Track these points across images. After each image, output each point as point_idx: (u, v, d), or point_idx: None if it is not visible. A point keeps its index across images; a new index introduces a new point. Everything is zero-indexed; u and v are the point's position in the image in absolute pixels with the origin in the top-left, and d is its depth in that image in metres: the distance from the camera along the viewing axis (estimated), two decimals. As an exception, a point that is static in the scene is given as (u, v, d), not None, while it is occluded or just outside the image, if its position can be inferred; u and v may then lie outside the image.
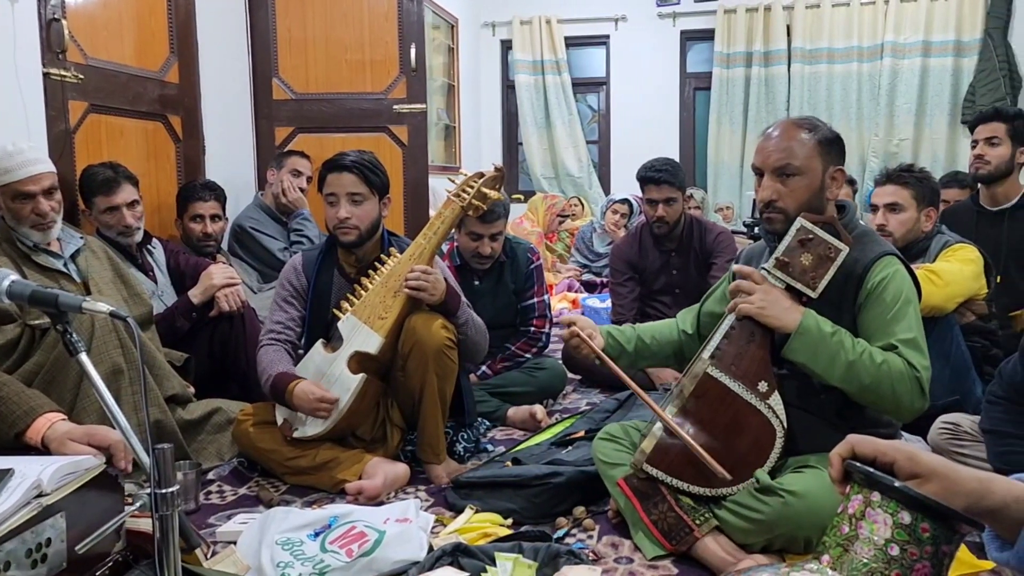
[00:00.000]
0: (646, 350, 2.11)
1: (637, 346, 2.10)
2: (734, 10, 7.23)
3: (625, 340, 2.08)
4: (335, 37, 4.05)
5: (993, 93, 6.41)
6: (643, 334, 2.12)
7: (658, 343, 2.12)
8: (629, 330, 2.12)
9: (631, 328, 2.14)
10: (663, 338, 2.13)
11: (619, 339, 2.07)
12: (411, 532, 1.77)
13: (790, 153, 1.81)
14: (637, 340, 2.10)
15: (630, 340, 2.09)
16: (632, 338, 2.10)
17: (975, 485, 0.80)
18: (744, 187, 7.27)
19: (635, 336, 2.10)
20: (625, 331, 2.11)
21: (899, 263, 1.81)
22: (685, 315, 2.18)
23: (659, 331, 2.14)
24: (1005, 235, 3.04)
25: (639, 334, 2.11)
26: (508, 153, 8.11)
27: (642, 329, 2.14)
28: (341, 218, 2.33)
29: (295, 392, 2.20)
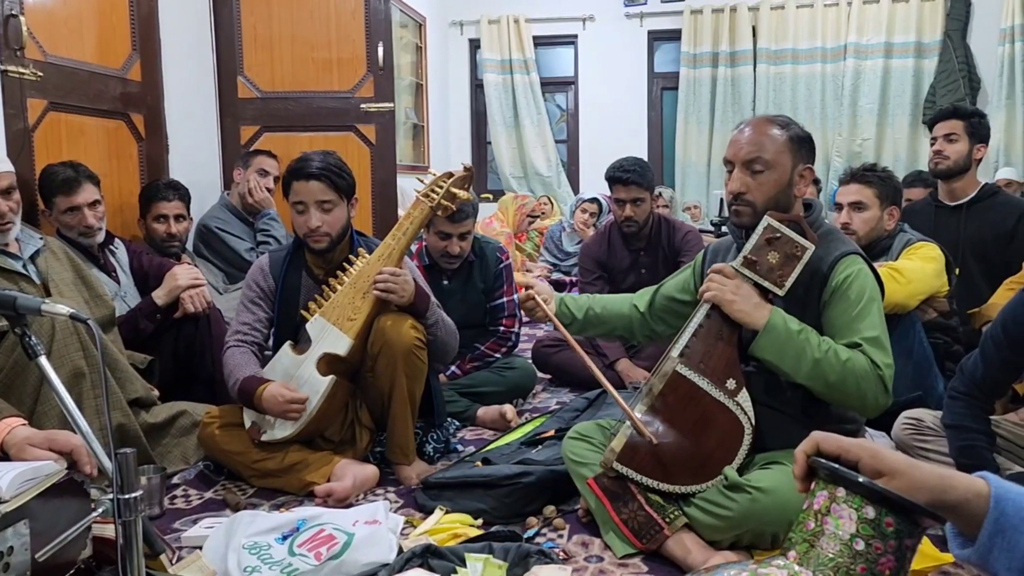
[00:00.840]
0: (596, 319, 2.19)
1: (588, 314, 2.18)
2: (700, 11, 7.28)
3: (576, 308, 2.17)
4: (301, 35, 4.01)
5: (953, 94, 6.54)
6: (595, 304, 2.20)
7: (609, 313, 2.20)
8: (584, 299, 2.21)
9: (586, 297, 2.22)
10: (614, 310, 2.20)
11: (571, 306, 2.17)
12: (380, 534, 1.76)
13: (761, 147, 1.83)
14: (588, 309, 2.18)
15: (581, 308, 2.18)
16: (584, 306, 2.18)
17: (937, 481, 0.82)
18: (711, 186, 7.33)
19: (587, 305, 2.19)
20: (579, 299, 2.20)
21: (863, 262, 1.83)
22: (643, 293, 2.23)
23: (612, 303, 2.22)
24: (963, 229, 3.11)
25: (591, 304, 2.20)
26: (477, 152, 8.10)
27: (596, 299, 2.22)
28: (312, 227, 2.30)
29: (264, 396, 2.18)
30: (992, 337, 2.09)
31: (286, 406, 2.17)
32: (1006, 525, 0.79)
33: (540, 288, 2.12)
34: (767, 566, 0.88)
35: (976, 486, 0.81)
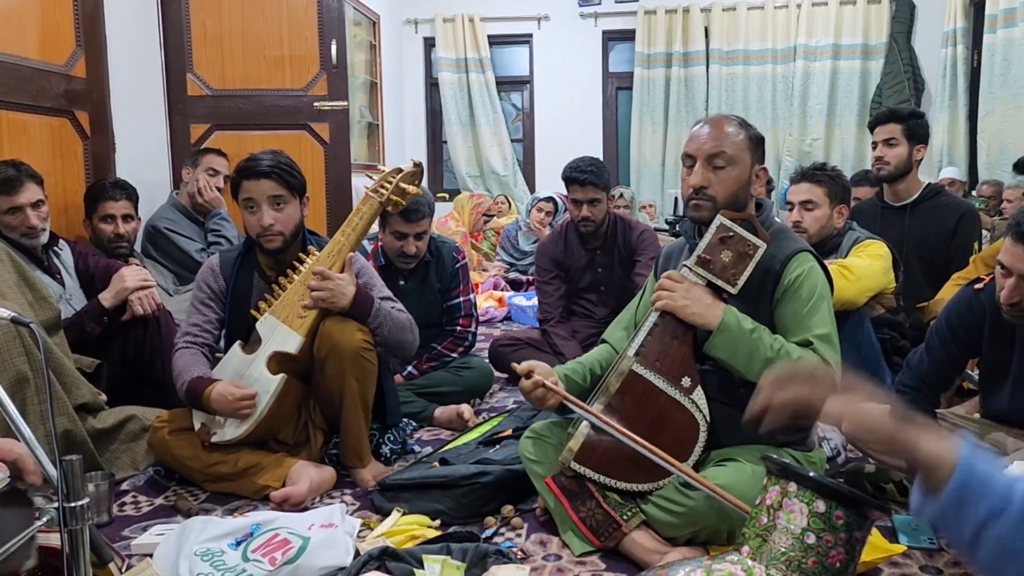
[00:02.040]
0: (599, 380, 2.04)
1: (593, 380, 2.04)
2: (654, 11, 7.36)
3: (580, 378, 2.02)
4: (252, 32, 3.94)
5: (898, 95, 6.71)
6: (592, 366, 2.06)
7: (604, 369, 2.06)
8: (579, 367, 2.06)
9: (579, 364, 2.08)
10: (606, 363, 2.07)
11: (575, 379, 2.01)
12: (337, 537, 1.74)
13: (724, 143, 1.86)
14: (591, 375, 2.05)
15: (584, 377, 2.03)
16: (585, 374, 2.04)
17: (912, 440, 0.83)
18: (666, 185, 7.42)
19: (587, 371, 2.05)
20: (577, 369, 2.05)
21: (814, 259, 1.87)
22: (616, 333, 2.15)
23: (603, 358, 2.09)
24: (907, 229, 3.18)
25: (589, 367, 2.05)
26: (432, 151, 8.07)
27: (589, 362, 2.08)
28: (265, 225, 2.26)
29: (213, 395, 2.14)
30: (937, 332, 2.15)
31: (236, 404, 2.13)
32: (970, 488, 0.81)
33: (543, 370, 1.90)
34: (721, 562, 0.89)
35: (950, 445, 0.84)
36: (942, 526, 0.83)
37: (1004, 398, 2.07)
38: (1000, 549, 0.81)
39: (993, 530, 0.80)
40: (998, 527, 0.80)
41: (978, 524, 0.81)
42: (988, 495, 0.81)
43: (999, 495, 0.81)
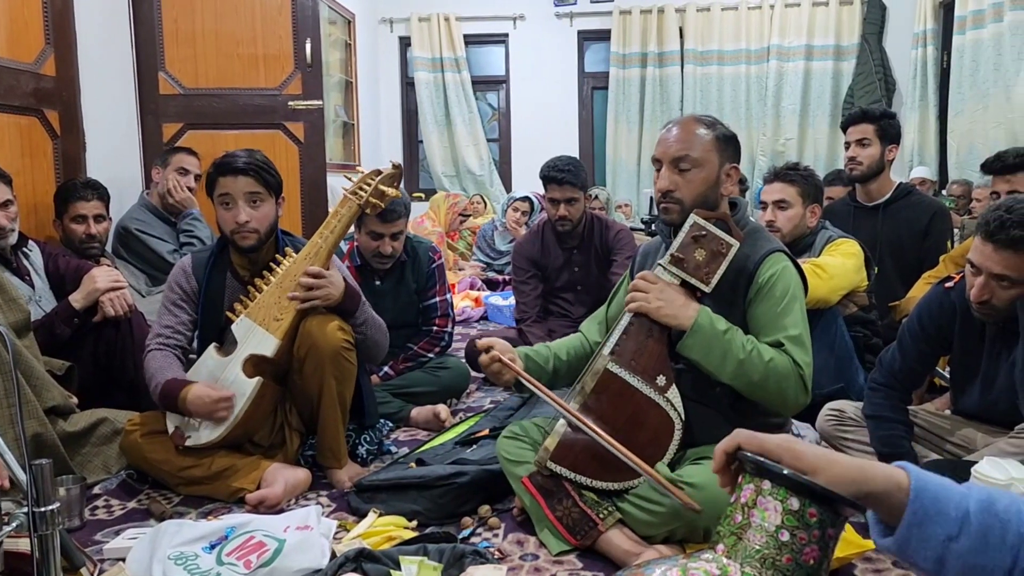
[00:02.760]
0: (563, 367, 2.07)
1: (555, 365, 2.06)
2: (629, 11, 7.39)
3: (543, 360, 2.04)
4: (226, 30, 3.91)
5: (870, 95, 6.79)
6: (558, 352, 2.08)
7: (574, 358, 2.09)
8: (544, 349, 2.08)
9: (545, 347, 2.10)
10: (576, 352, 2.10)
11: (537, 360, 2.02)
12: (312, 539, 1.73)
13: (689, 145, 1.86)
14: (554, 359, 2.06)
15: (547, 360, 2.05)
16: (549, 357, 2.05)
17: (857, 474, 0.84)
18: (641, 185, 7.45)
19: (551, 355, 2.06)
20: (541, 351, 2.07)
21: (787, 259, 1.88)
22: (590, 325, 2.18)
23: (571, 346, 2.12)
24: (880, 229, 3.22)
25: (555, 352, 2.07)
26: (408, 151, 8.05)
27: (556, 347, 2.10)
28: (241, 222, 2.24)
29: (189, 397, 2.11)
30: (909, 330, 2.18)
31: (213, 406, 2.11)
32: (924, 516, 0.81)
33: (502, 347, 1.91)
34: (697, 560, 0.89)
35: (896, 477, 0.83)
36: (906, 556, 0.83)
37: (974, 395, 2.10)
38: (966, 567, 0.81)
39: (956, 550, 0.80)
40: (960, 546, 0.80)
41: (941, 546, 0.81)
42: (945, 514, 0.81)
43: (955, 513, 0.81)
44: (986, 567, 0.81)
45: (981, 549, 0.81)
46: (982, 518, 0.81)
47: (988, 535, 0.81)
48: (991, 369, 2.04)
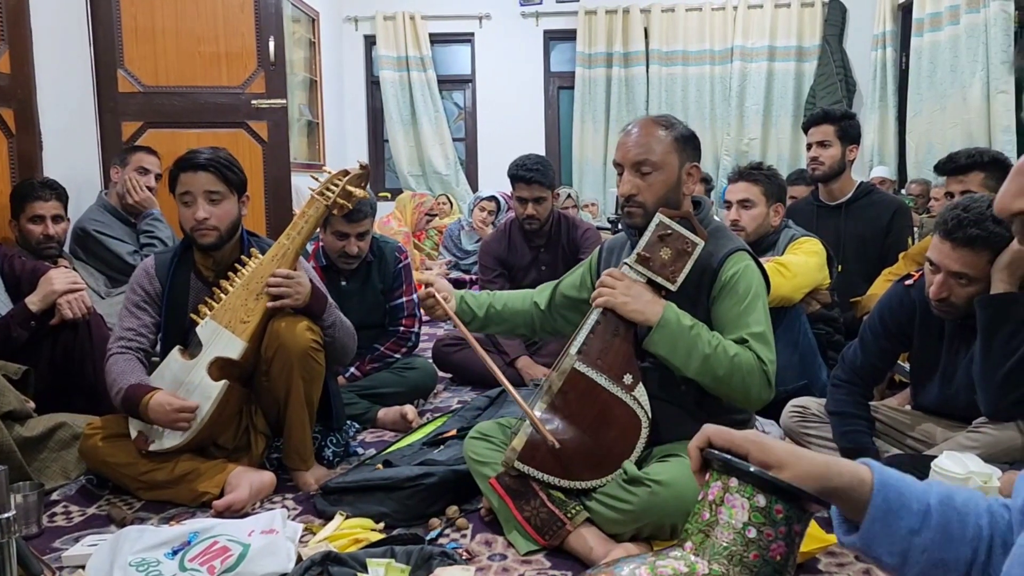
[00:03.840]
0: (497, 316, 2.19)
1: (488, 312, 2.17)
2: (594, 11, 7.42)
3: (477, 305, 2.16)
4: (186, 28, 3.85)
5: (831, 96, 6.90)
6: (496, 302, 2.19)
7: (509, 311, 2.20)
8: (484, 296, 2.20)
9: (486, 294, 2.21)
10: (515, 307, 2.21)
11: (471, 304, 2.15)
12: (278, 543, 1.71)
13: (648, 149, 1.87)
14: (489, 306, 2.18)
15: (482, 306, 2.17)
16: (484, 304, 2.17)
17: (822, 470, 0.84)
18: (608, 184, 7.49)
19: (488, 302, 2.18)
20: (479, 296, 2.19)
21: (750, 258, 1.90)
22: (543, 289, 2.24)
23: (513, 300, 2.22)
24: (843, 227, 3.27)
25: (492, 301, 2.19)
26: (374, 150, 8.00)
27: (496, 296, 2.22)
28: (199, 219, 2.21)
29: (151, 405, 2.07)
30: (870, 327, 2.22)
31: (175, 415, 2.07)
32: (887, 511, 0.82)
33: (440, 285, 2.09)
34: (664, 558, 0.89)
35: (860, 473, 0.85)
36: (870, 552, 0.84)
37: (933, 390, 2.14)
38: (927, 562, 0.82)
39: (919, 544, 0.81)
40: (923, 540, 0.81)
41: (904, 541, 0.82)
42: (907, 508, 0.82)
43: (917, 507, 0.82)
44: (947, 561, 0.82)
45: (943, 543, 0.82)
46: (943, 511, 0.83)
47: (949, 528, 0.82)
48: (950, 365, 2.08)
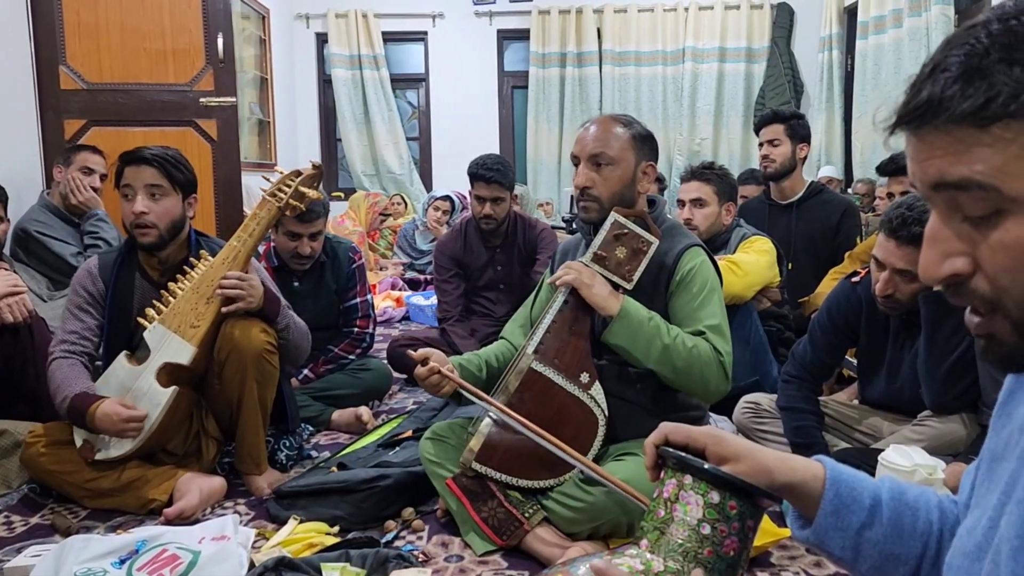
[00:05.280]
0: (496, 373, 2.04)
1: (488, 372, 2.03)
2: (548, 11, 7.44)
3: (476, 368, 2.01)
4: (131, 23, 3.76)
5: (780, 97, 7.02)
6: (488, 359, 2.06)
7: (504, 363, 2.05)
8: (475, 358, 2.05)
9: (475, 355, 2.07)
10: (506, 358, 2.08)
11: (471, 368, 1.99)
12: (229, 550, 1.68)
13: (605, 143, 1.88)
14: (486, 366, 2.03)
15: (480, 368, 2.02)
16: (481, 365, 2.03)
17: (777, 464, 0.86)
18: (562, 183, 7.51)
19: (483, 362, 2.04)
20: (472, 359, 2.04)
21: (704, 254, 1.92)
22: (513, 329, 2.16)
23: (499, 352, 2.10)
24: (794, 226, 3.33)
25: (486, 359, 2.05)
26: (326, 150, 7.91)
27: (485, 354, 2.08)
28: (137, 212, 2.14)
29: (98, 415, 2.01)
30: (819, 323, 2.26)
31: (123, 425, 2.02)
32: (840, 506, 0.84)
33: (439, 358, 1.86)
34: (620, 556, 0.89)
35: (813, 469, 0.86)
36: (823, 546, 0.85)
37: (880, 385, 2.19)
38: (879, 556, 0.84)
39: (871, 538, 0.83)
40: (874, 534, 0.83)
41: (855, 536, 0.83)
42: (859, 503, 0.84)
43: (869, 502, 0.84)
44: (899, 555, 0.84)
45: (894, 537, 0.83)
46: (894, 507, 0.84)
47: (900, 523, 0.84)
48: (895, 360, 2.13)
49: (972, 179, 0.59)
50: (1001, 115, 0.57)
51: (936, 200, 0.64)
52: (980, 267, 0.62)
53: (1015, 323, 0.62)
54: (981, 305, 0.63)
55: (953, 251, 0.63)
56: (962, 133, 0.59)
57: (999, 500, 0.70)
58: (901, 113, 0.63)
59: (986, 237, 0.61)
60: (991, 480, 0.74)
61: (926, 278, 0.66)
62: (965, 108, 0.58)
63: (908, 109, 0.62)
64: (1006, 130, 0.57)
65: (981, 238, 0.61)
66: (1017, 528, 0.65)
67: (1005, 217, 0.59)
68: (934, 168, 0.62)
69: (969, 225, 0.62)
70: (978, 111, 0.58)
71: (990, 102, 0.57)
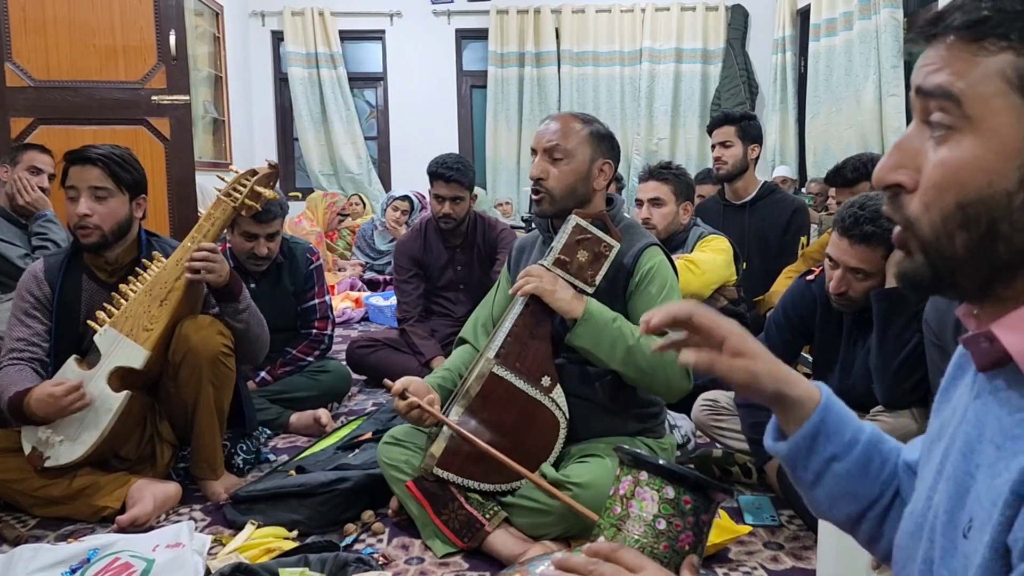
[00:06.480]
0: None
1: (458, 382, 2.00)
2: (506, 11, 7.44)
3: (451, 384, 1.99)
4: (80, 19, 3.67)
5: (735, 98, 7.12)
6: (459, 370, 2.04)
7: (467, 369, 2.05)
8: (447, 374, 2.03)
9: (446, 371, 2.05)
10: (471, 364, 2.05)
11: (447, 387, 1.98)
12: (184, 557, 1.65)
13: (562, 137, 1.90)
14: (459, 379, 2.01)
15: (455, 383, 2.00)
16: (455, 379, 2.01)
17: (784, 374, 0.86)
18: (521, 183, 7.52)
19: (456, 376, 2.02)
20: (447, 376, 2.02)
21: (662, 253, 1.94)
22: (473, 327, 2.15)
23: (464, 358, 2.08)
24: (747, 225, 3.38)
25: (457, 372, 2.04)
26: (283, 149, 7.81)
27: (455, 367, 2.06)
28: (80, 214, 2.10)
29: (32, 402, 1.95)
30: (775, 321, 2.29)
31: (64, 401, 1.94)
32: (821, 430, 0.85)
33: (417, 389, 1.84)
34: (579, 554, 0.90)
35: (812, 392, 0.87)
36: (790, 463, 0.87)
37: (834, 381, 2.22)
38: (837, 488, 0.86)
39: (836, 469, 0.85)
40: (841, 466, 0.85)
41: (823, 463, 0.85)
42: (840, 435, 0.86)
43: (848, 438, 0.86)
44: (855, 493, 0.86)
45: (858, 474, 0.86)
46: (867, 449, 0.87)
47: (868, 465, 0.86)
48: (849, 356, 2.17)
49: (942, 86, 0.63)
50: (988, 35, 0.61)
51: (917, 107, 0.67)
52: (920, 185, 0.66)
53: (924, 243, 0.66)
54: (903, 221, 0.67)
55: (907, 164, 0.67)
56: (957, 48, 0.63)
57: (933, 479, 0.73)
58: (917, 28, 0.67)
59: (936, 154, 0.65)
60: (929, 462, 0.77)
61: (875, 180, 0.69)
62: (957, 21, 0.63)
63: (921, 24, 0.66)
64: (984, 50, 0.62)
65: (933, 155, 0.65)
66: (946, 504, 0.68)
67: (956, 134, 0.63)
68: (922, 74, 0.66)
69: (933, 143, 0.65)
70: (970, 26, 0.62)
71: (983, 21, 0.61)
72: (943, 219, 0.64)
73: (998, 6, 0.61)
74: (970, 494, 0.65)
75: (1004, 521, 0.59)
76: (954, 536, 0.66)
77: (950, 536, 0.66)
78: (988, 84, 0.61)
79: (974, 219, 0.62)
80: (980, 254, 0.63)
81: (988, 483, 0.63)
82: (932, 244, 0.65)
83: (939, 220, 0.64)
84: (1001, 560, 0.59)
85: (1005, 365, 0.65)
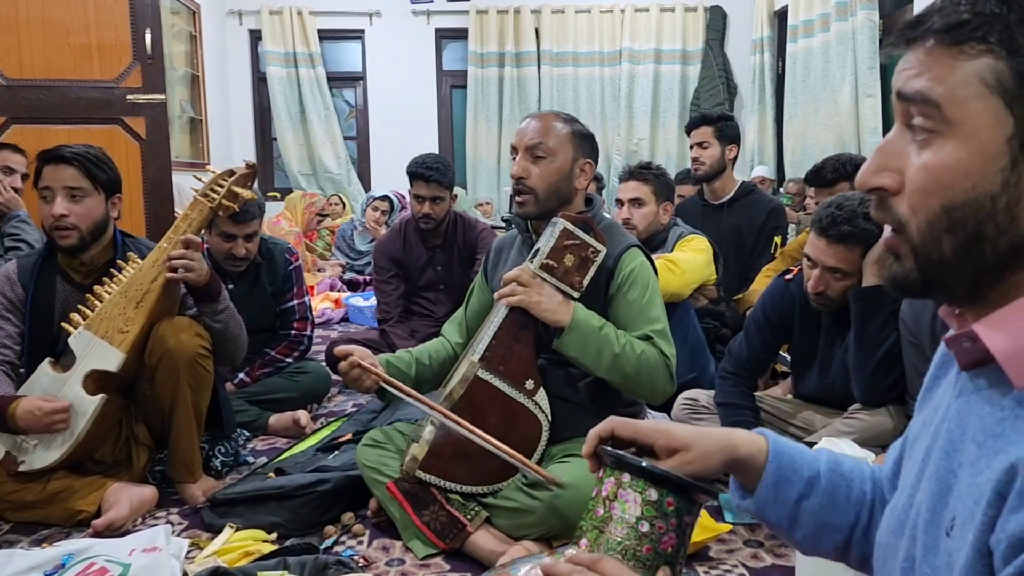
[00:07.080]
0: (427, 371, 2.02)
1: (418, 369, 2.00)
2: (486, 11, 7.44)
3: (405, 365, 1.97)
4: (54, 17, 3.62)
5: (714, 98, 7.16)
6: (420, 356, 2.03)
7: (437, 361, 2.05)
8: (406, 355, 2.02)
9: (407, 352, 2.04)
10: (439, 356, 2.06)
11: (399, 366, 1.96)
12: (161, 561, 1.63)
13: (544, 135, 1.90)
14: (416, 364, 2.01)
15: (410, 365, 1.99)
16: (411, 362, 2.00)
17: (724, 444, 0.88)
18: (502, 183, 7.52)
19: (413, 360, 2.01)
20: (403, 356, 2.01)
21: (642, 255, 1.94)
22: (451, 328, 2.16)
23: (434, 350, 2.07)
24: (725, 225, 3.40)
25: (417, 357, 2.02)
26: (262, 149, 7.76)
27: (418, 352, 2.05)
28: (56, 215, 2.06)
29: (19, 412, 1.93)
30: (754, 320, 2.31)
31: (47, 419, 1.93)
32: (780, 478, 0.87)
33: (361, 353, 1.81)
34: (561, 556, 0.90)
35: (757, 442, 0.89)
36: (762, 515, 0.89)
37: (813, 379, 2.24)
38: (814, 524, 0.87)
39: (808, 507, 0.87)
40: (811, 503, 0.87)
41: (793, 506, 0.87)
42: (799, 474, 0.87)
43: (808, 474, 0.87)
44: (833, 524, 0.87)
45: (829, 507, 0.87)
46: (830, 477, 0.88)
47: (836, 494, 0.88)
48: (827, 355, 2.18)
49: (921, 92, 0.64)
50: (967, 38, 0.61)
51: (898, 110, 0.68)
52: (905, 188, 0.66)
53: (913, 247, 0.66)
54: (894, 224, 0.68)
55: (890, 167, 0.67)
56: (937, 52, 0.63)
57: (916, 477, 0.74)
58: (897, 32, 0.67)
59: (919, 157, 0.65)
60: (911, 459, 0.78)
61: (859, 183, 0.70)
62: (937, 25, 0.63)
63: (901, 28, 0.67)
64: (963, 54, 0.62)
65: (916, 159, 0.65)
66: (928, 502, 0.69)
67: (938, 138, 0.63)
68: (902, 79, 0.66)
69: (916, 147, 0.65)
70: (949, 29, 0.62)
71: (962, 24, 0.62)
72: (929, 223, 0.64)
73: (976, 9, 0.61)
74: (953, 492, 0.66)
75: (987, 520, 0.60)
76: (936, 534, 0.66)
77: (932, 534, 0.67)
78: (967, 88, 0.61)
79: (960, 222, 0.63)
80: (967, 257, 0.63)
81: (970, 481, 0.63)
82: (921, 248, 0.65)
83: (925, 224, 0.64)
84: (984, 560, 0.60)
85: (987, 364, 0.66)
